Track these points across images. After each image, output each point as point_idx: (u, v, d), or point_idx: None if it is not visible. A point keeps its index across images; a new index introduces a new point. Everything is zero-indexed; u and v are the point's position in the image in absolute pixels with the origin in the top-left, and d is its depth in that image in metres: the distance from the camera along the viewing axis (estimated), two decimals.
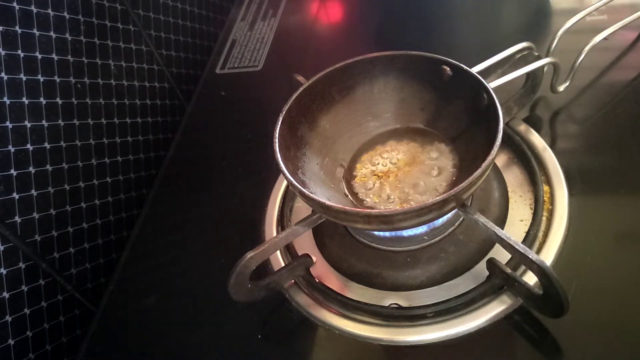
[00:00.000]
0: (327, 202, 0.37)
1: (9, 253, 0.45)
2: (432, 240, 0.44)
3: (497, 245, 0.38)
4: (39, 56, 0.50)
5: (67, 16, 0.54)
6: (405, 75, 0.46)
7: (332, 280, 0.44)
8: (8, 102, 0.46)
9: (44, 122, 0.50)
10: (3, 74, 0.46)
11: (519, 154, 0.48)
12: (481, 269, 0.40)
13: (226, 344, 0.43)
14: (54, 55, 0.52)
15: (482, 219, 0.36)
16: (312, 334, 0.42)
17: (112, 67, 0.60)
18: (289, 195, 0.51)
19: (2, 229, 0.45)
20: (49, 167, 0.50)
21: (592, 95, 0.52)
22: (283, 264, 0.45)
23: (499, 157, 0.49)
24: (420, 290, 0.42)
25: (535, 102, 0.52)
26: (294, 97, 0.44)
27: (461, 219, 0.44)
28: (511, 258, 0.39)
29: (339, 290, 0.43)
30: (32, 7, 0.49)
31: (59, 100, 0.52)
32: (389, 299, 0.41)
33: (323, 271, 0.45)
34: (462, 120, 0.44)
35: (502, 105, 0.38)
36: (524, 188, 0.46)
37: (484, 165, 0.34)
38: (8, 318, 0.45)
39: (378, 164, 0.46)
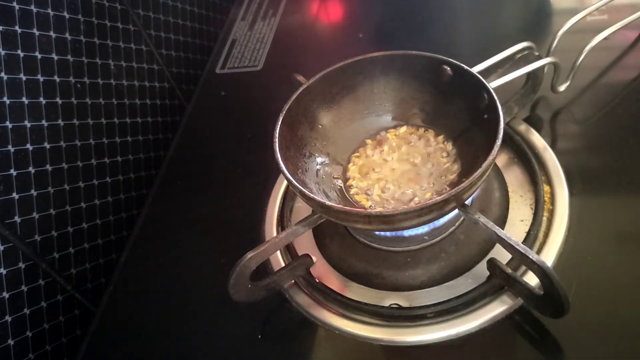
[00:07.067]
0: (327, 202, 0.37)
1: (9, 253, 0.45)
2: (433, 240, 0.44)
3: (497, 245, 0.38)
4: (39, 56, 0.50)
5: (67, 16, 0.54)
6: (405, 75, 0.46)
7: (332, 280, 0.44)
8: (8, 102, 0.46)
9: (43, 122, 0.50)
10: (3, 74, 0.46)
11: (519, 154, 0.48)
12: (482, 269, 0.40)
13: (226, 344, 0.43)
14: (53, 55, 0.52)
15: (482, 219, 0.36)
16: (312, 334, 0.41)
17: (112, 67, 0.60)
18: (289, 195, 0.51)
19: (2, 229, 0.45)
20: (48, 167, 0.50)
21: (593, 95, 0.51)
22: (283, 264, 0.45)
23: (499, 157, 0.49)
24: (421, 290, 0.41)
25: (536, 102, 0.52)
26: (294, 97, 0.44)
27: (461, 219, 0.44)
28: (512, 258, 0.39)
29: (339, 291, 0.43)
30: (32, 7, 0.49)
31: (58, 100, 0.52)
32: (389, 299, 0.41)
33: (323, 271, 0.45)
34: (463, 120, 0.44)
35: (502, 105, 0.38)
36: (524, 188, 0.46)
37: (484, 165, 0.34)
38: (8, 318, 0.45)
39: (378, 163, 0.46)
